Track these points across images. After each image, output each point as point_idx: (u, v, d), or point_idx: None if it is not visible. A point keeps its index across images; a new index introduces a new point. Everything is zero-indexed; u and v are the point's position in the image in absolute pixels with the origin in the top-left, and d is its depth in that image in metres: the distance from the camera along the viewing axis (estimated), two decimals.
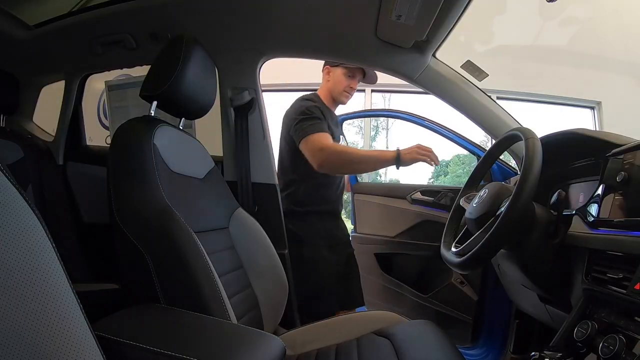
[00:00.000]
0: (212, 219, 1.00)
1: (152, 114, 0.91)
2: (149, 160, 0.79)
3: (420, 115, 1.77)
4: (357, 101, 4.43)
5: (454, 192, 1.63)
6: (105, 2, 1.24)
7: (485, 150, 1.12)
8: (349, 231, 1.66)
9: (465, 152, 2.09)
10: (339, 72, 1.45)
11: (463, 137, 1.66)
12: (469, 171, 1.66)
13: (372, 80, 1.51)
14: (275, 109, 1.66)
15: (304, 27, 1.25)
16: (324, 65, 1.49)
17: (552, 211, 0.80)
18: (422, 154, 1.26)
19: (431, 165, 1.28)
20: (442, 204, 1.64)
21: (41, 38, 1.38)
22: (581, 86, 3.87)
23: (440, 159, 1.29)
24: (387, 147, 5.06)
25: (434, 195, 1.70)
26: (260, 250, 1.10)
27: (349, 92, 1.48)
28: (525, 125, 1.01)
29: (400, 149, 1.28)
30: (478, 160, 1.23)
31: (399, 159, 1.26)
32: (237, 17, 1.23)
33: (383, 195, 1.84)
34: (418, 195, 1.74)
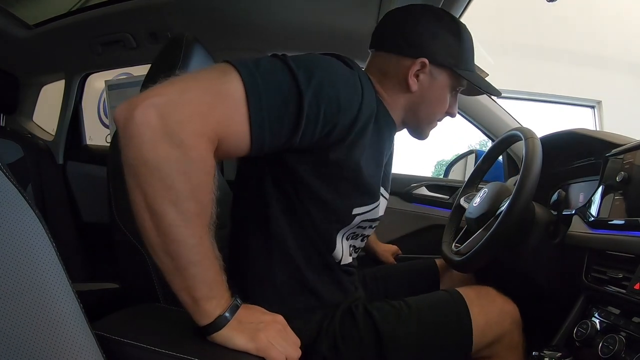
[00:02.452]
0: None
1: None
2: None
3: None
4: None
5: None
6: (105, 2, 1.24)
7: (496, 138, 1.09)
8: None
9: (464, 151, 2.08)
10: (444, 80, 0.70)
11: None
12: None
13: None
14: None
15: (304, 26, 1.25)
16: (415, 47, 0.68)
17: (552, 211, 0.80)
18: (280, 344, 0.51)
19: None
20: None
21: (41, 38, 1.38)
22: (581, 85, 3.88)
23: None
24: None
25: (448, 193, 1.30)
26: None
27: (441, 120, 0.78)
28: (525, 125, 1.01)
29: (238, 307, 0.51)
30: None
31: (223, 320, 0.49)
32: (237, 16, 1.23)
33: None
34: (423, 191, 1.32)
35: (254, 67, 0.49)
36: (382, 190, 0.74)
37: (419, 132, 0.77)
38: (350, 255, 0.74)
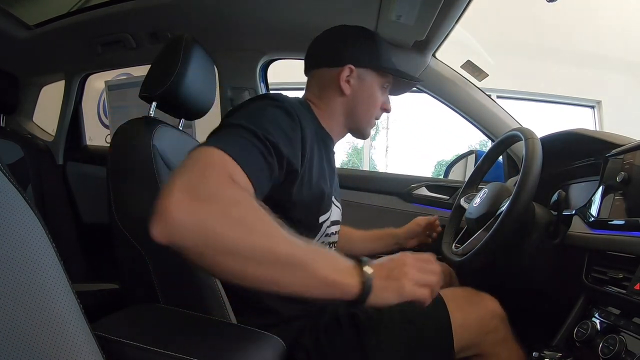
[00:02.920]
0: None
1: (152, 115, 0.91)
2: (149, 161, 0.79)
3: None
4: None
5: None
6: (105, 2, 1.24)
7: (496, 138, 1.09)
8: None
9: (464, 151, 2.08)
10: (371, 79, 0.80)
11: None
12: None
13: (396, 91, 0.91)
14: None
15: (304, 27, 1.25)
16: (339, 59, 0.79)
17: (552, 211, 0.80)
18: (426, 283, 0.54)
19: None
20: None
21: (41, 38, 1.38)
22: (581, 85, 3.88)
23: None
24: (387, 147, 4.97)
25: (448, 193, 1.28)
26: None
27: (379, 117, 0.86)
28: (525, 125, 1.01)
29: (370, 263, 0.51)
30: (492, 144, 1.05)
31: (368, 285, 0.49)
32: (237, 17, 1.23)
33: (358, 190, 1.32)
34: (423, 191, 1.30)
35: (213, 139, 0.53)
36: (333, 198, 0.80)
37: (361, 131, 0.85)
38: None
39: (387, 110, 0.85)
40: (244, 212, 0.46)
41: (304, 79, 0.87)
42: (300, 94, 0.87)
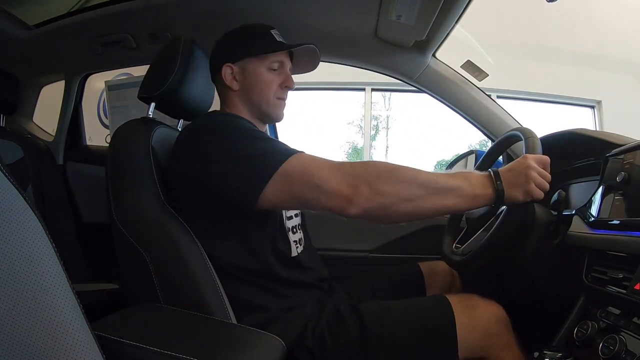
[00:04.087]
0: None
1: (151, 116, 0.91)
2: (147, 161, 0.79)
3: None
4: (356, 100, 4.43)
5: None
6: (105, 2, 1.24)
7: (496, 138, 1.09)
8: None
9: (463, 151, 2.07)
10: (253, 66, 0.84)
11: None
12: None
13: (309, 65, 0.95)
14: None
15: (303, 27, 1.25)
16: (218, 63, 0.87)
17: (552, 211, 0.80)
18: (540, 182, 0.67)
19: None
20: None
21: (41, 38, 1.38)
22: (581, 85, 3.88)
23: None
24: (387, 147, 4.99)
25: None
26: None
27: (283, 96, 0.88)
28: (525, 125, 1.01)
29: (500, 174, 0.68)
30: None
31: (501, 191, 0.66)
32: (237, 17, 1.23)
33: None
34: None
35: (276, 155, 0.68)
36: None
37: (267, 114, 0.88)
38: (297, 248, 0.84)
39: (289, 87, 0.88)
40: (391, 174, 0.68)
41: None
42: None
